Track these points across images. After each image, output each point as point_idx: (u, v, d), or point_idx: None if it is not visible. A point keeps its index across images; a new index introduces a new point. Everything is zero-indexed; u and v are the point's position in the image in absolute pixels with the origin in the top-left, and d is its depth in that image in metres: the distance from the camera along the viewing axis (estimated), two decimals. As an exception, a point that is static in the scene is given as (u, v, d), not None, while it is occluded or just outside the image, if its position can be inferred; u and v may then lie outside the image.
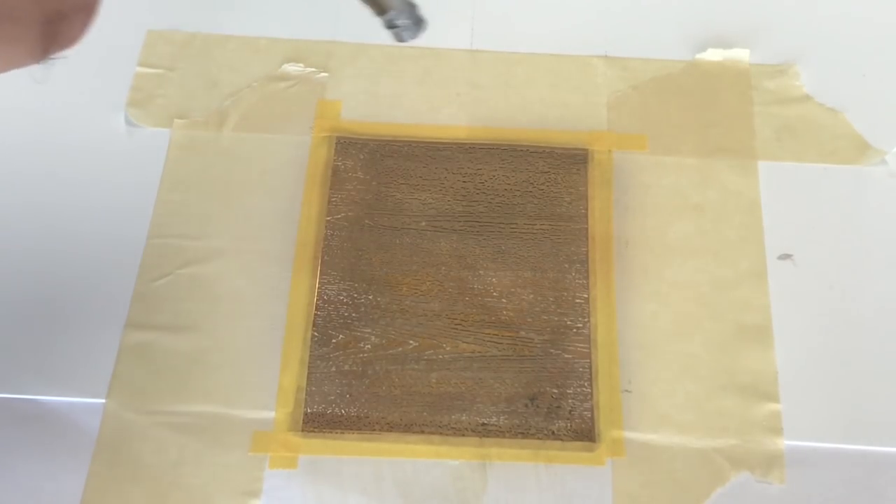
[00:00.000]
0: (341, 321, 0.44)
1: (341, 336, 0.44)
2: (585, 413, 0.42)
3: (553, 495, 0.41)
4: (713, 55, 0.51)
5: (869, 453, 0.42)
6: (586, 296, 0.45)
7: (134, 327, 0.44)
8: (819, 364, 0.43)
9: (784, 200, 0.47)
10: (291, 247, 0.46)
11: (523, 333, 0.44)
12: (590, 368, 0.43)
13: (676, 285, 0.45)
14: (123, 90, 0.50)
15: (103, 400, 0.42)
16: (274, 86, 0.50)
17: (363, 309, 0.44)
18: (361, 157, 0.48)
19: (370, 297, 0.44)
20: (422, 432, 0.42)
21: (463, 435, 0.42)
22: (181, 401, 0.42)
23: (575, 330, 0.44)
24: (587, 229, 0.46)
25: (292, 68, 0.51)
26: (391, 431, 0.42)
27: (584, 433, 0.42)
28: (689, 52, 0.52)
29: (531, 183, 0.47)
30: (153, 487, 0.41)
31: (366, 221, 0.46)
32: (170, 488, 0.41)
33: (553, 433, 0.42)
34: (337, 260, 0.45)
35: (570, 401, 0.42)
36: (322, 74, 0.51)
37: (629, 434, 0.42)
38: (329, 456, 0.41)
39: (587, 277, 0.45)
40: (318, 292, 0.45)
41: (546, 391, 0.43)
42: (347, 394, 0.43)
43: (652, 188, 0.48)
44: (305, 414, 0.42)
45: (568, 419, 0.42)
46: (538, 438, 0.42)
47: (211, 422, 0.42)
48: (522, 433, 0.42)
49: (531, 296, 0.45)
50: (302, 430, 0.42)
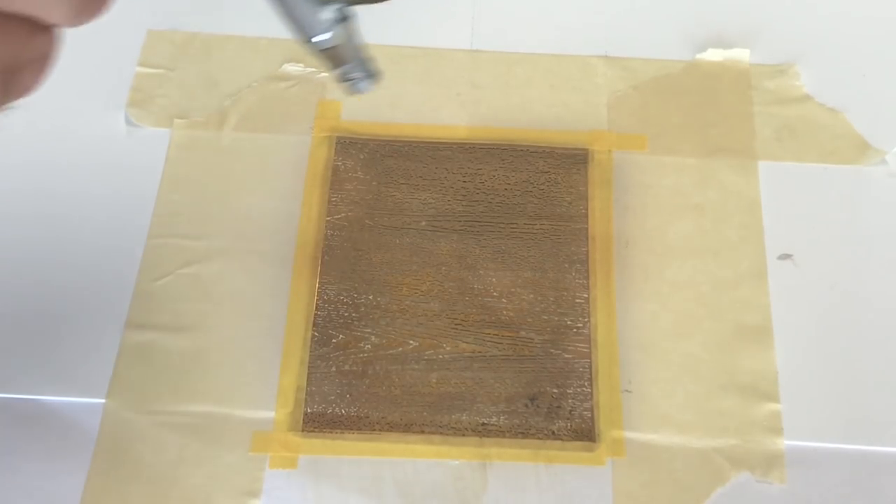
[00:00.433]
0: (341, 321, 0.44)
1: (341, 336, 0.44)
2: (585, 413, 0.42)
3: (553, 495, 0.41)
4: (713, 55, 0.51)
5: (869, 453, 0.42)
6: (586, 296, 0.45)
7: (134, 327, 0.44)
8: (819, 364, 0.43)
9: (784, 200, 0.47)
10: (291, 247, 0.46)
11: (523, 333, 0.44)
12: (590, 368, 0.43)
13: (676, 285, 0.45)
14: (123, 90, 0.50)
15: (103, 400, 0.42)
16: (274, 86, 0.50)
17: (363, 309, 0.44)
18: (361, 157, 0.48)
19: (370, 297, 0.44)
20: (422, 432, 0.42)
21: (463, 435, 0.42)
22: (181, 401, 0.42)
23: (575, 330, 0.44)
24: (587, 229, 0.46)
25: (292, 68, 0.51)
26: (391, 431, 0.42)
27: (585, 433, 0.42)
28: (689, 52, 0.52)
29: (531, 183, 0.47)
30: (153, 487, 0.41)
31: (366, 221, 0.46)
32: (170, 488, 0.41)
33: (553, 433, 0.42)
34: (337, 260, 0.45)
35: (571, 401, 0.42)
36: (322, 74, 0.51)
37: (629, 434, 0.42)
38: (329, 456, 0.41)
39: (587, 277, 0.45)
40: (318, 292, 0.45)
41: (546, 391, 0.43)
42: (347, 394, 0.42)
43: (652, 188, 0.48)
44: (305, 414, 0.42)
45: (568, 419, 0.42)
46: (538, 438, 0.42)
47: (211, 422, 0.42)
48: (522, 433, 0.42)
49: (531, 296, 0.45)
50: (302, 430, 0.42)
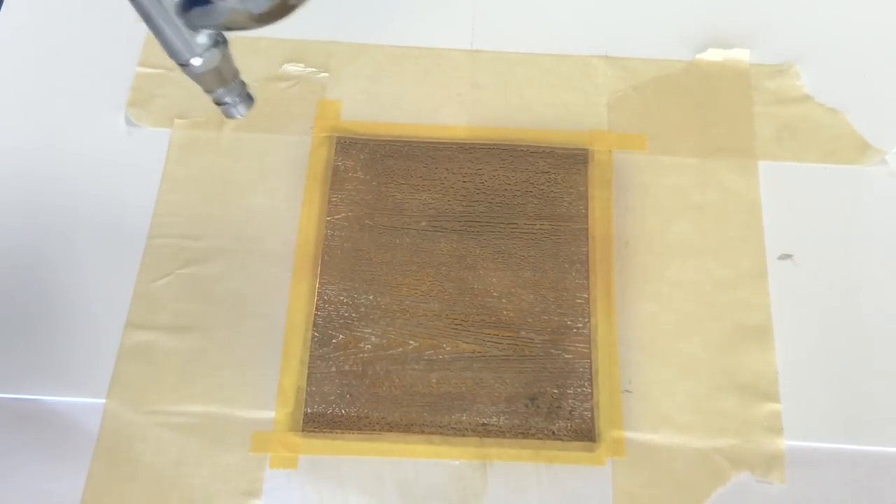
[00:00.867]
0: (341, 321, 0.44)
1: (341, 336, 0.44)
2: (586, 413, 0.42)
3: (553, 495, 0.41)
4: (713, 55, 0.51)
5: (869, 453, 0.42)
6: (586, 296, 0.45)
7: (134, 327, 0.44)
8: (819, 364, 0.43)
9: (784, 200, 0.47)
10: (291, 247, 0.46)
11: (523, 333, 0.44)
12: (590, 368, 0.43)
13: (676, 285, 0.45)
14: (123, 90, 0.50)
15: (103, 400, 0.42)
16: (274, 86, 0.50)
17: (363, 309, 0.44)
18: (362, 157, 0.48)
19: (370, 298, 0.44)
20: (422, 432, 0.42)
21: (463, 435, 0.42)
22: (181, 401, 0.42)
23: (575, 330, 0.44)
24: (587, 229, 0.46)
25: (292, 68, 0.51)
26: (391, 431, 0.42)
27: (585, 433, 0.42)
28: (689, 52, 0.52)
29: (531, 183, 0.47)
30: (153, 487, 0.41)
31: (366, 221, 0.46)
32: (170, 488, 0.41)
33: (553, 433, 0.42)
34: (337, 260, 0.45)
35: (571, 401, 0.42)
36: (322, 74, 0.51)
37: (629, 434, 0.42)
38: (329, 456, 0.41)
39: (587, 277, 0.45)
40: (318, 292, 0.45)
41: (546, 391, 0.43)
42: (348, 394, 0.42)
43: (652, 188, 0.48)
44: (305, 414, 0.42)
45: (568, 419, 0.42)
46: (538, 438, 0.42)
47: (211, 422, 0.42)
48: (523, 433, 0.42)
49: (531, 296, 0.45)
50: (302, 431, 0.42)
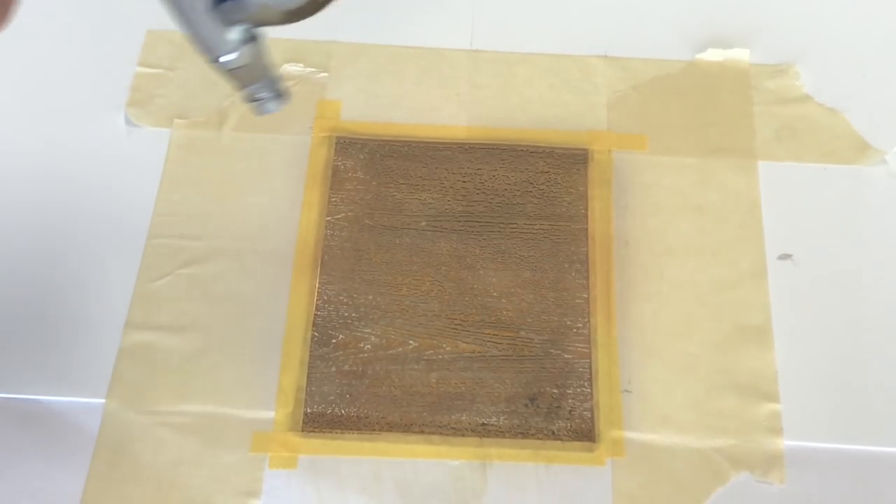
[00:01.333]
0: (341, 321, 0.44)
1: (341, 336, 0.44)
2: (585, 413, 0.42)
3: (553, 495, 0.41)
4: (713, 55, 0.51)
5: (869, 453, 0.42)
6: (586, 296, 0.45)
7: (134, 327, 0.44)
8: (819, 364, 0.43)
9: (784, 200, 0.47)
10: (291, 247, 0.46)
11: (523, 333, 0.44)
12: (590, 368, 0.43)
13: (676, 285, 0.45)
14: (123, 90, 0.50)
15: (103, 400, 0.42)
16: (274, 86, 0.50)
17: (363, 309, 0.44)
18: (361, 157, 0.48)
19: (370, 298, 0.44)
20: (422, 432, 0.42)
21: (463, 435, 0.42)
22: (181, 401, 0.42)
23: (575, 330, 0.44)
24: (587, 229, 0.46)
25: (292, 68, 0.51)
26: (391, 431, 0.42)
27: (584, 433, 0.42)
28: (689, 52, 0.52)
29: (531, 183, 0.47)
30: (153, 487, 0.41)
31: (366, 221, 0.46)
32: (170, 488, 0.41)
33: (553, 433, 0.42)
34: (337, 260, 0.45)
35: (570, 401, 0.42)
36: (322, 74, 0.51)
37: (629, 434, 0.42)
38: (329, 456, 0.41)
39: (587, 277, 0.45)
40: (318, 292, 0.45)
41: (546, 391, 0.43)
42: (347, 394, 0.42)
43: (652, 188, 0.48)
44: (305, 414, 0.42)
45: (568, 419, 0.42)
46: (538, 438, 0.42)
47: (211, 422, 0.42)
48: (522, 433, 0.42)
49: (531, 296, 0.45)
50: (302, 430, 0.42)
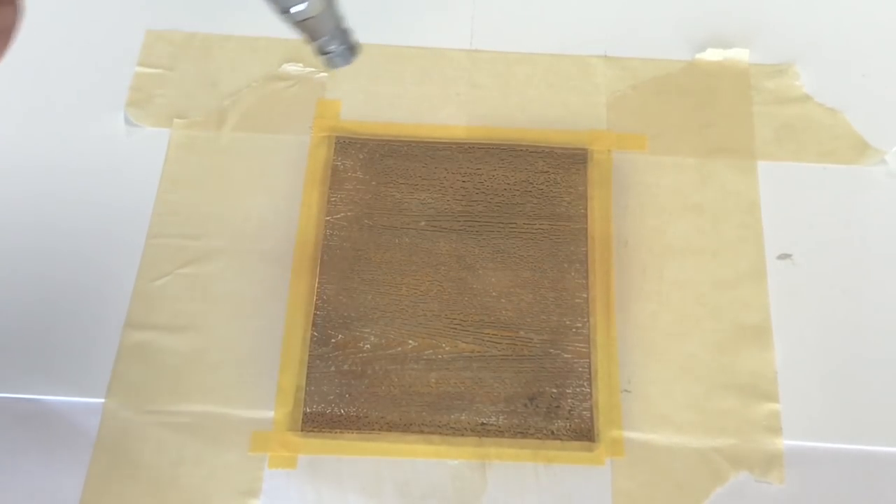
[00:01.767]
0: (341, 321, 0.44)
1: (340, 336, 0.44)
2: (585, 413, 0.42)
3: (552, 495, 0.41)
4: (713, 55, 0.51)
5: (869, 453, 0.42)
6: (586, 296, 0.45)
7: (133, 327, 0.44)
8: (819, 364, 0.43)
9: (784, 200, 0.47)
10: (291, 247, 0.46)
11: (522, 333, 0.44)
12: (589, 368, 0.43)
13: (676, 285, 0.45)
14: (123, 90, 0.50)
15: (103, 400, 0.42)
16: (274, 86, 0.50)
17: (362, 309, 0.44)
18: (361, 157, 0.48)
19: (369, 297, 0.44)
20: (421, 432, 0.42)
21: (462, 435, 0.42)
22: (181, 401, 0.42)
23: (574, 330, 0.44)
24: (587, 229, 0.46)
25: (292, 68, 0.51)
26: (390, 431, 0.42)
27: (584, 433, 0.42)
28: (689, 52, 0.52)
29: (530, 183, 0.47)
30: (153, 487, 0.41)
31: (365, 221, 0.46)
32: (169, 488, 0.41)
33: (552, 433, 0.42)
34: (336, 260, 0.45)
35: (570, 401, 0.42)
36: (322, 74, 0.51)
37: (628, 434, 0.42)
38: (328, 456, 0.41)
39: (587, 277, 0.45)
40: (318, 292, 0.45)
41: (545, 391, 0.43)
42: (347, 393, 0.43)
43: (652, 188, 0.48)
44: (305, 414, 0.42)
45: (567, 419, 0.42)
46: (537, 438, 0.42)
47: (210, 422, 0.42)
48: (522, 433, 0.42)
49: (530, 296, 0.45)
50: (301, 430, 0.42)
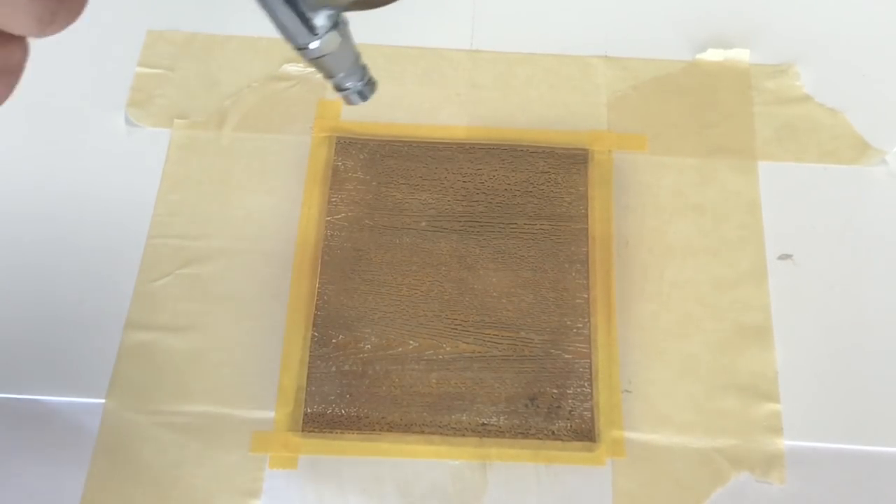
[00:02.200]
0: (341, 321, 0.44)
1: (341, 336, 0.44)
2: (585, 413, 0.42)
3: (553, 495, 0.41)
4: (713, 55, 0.51)
5: (869, 453, 0.42)
6: (586, 296, 0.45)
7: (134, 327, 0.44)
8: (819, 364, 0.43)
9: (784, 200, 0.47)
10: (291, 247, 0.46)
11: (523, 334, 0.44)
12: (590, 368, 0.43)
13: (676, 285, 0.45)
14: (123, 90, 0.50)
15: (103, 400, 0.42)
16: (274, 86, 0.50)
17: (363, 309, 0.44)
18: (361, 157, 0.48)
19: (370, 297, 0.44)
20: (422, 432, 0.42)
21: (463, 435, 0.42)
22: (181, 401, 0.42)
23: (575, 330, 0.44)
24: (587, 229, 0.46)
25: (292, 68, 0.51)
26: (391, 431, 0.42)
27: (585, 433, 0.42)
28: (689, 52, 0.52)
29: (531, 183, 0.47)
30: (153, 487, 0.41)
31: (366, 221, 0.46)
32: (170, 488, 0.41)
33: (553, 433, 0.42)
34: (337, 260, 0.45)
35: (571, 401, 0.42)
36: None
37: (629, 434, 0.42)
38: (329, 456, 0.41)
39: (587, 277, 0.45)
40: (318, 292, 0.45)
41: (546, 391, 0.43)
42: (347, 394, 0.42)
43: (652, 188, 0.48)
44: (305, 414, 0.42)
45: (568, 419, 0.42)
46: (538, 438, 0.42)
47: (211, 422, 0.42)
48: (522, 433, 0.42)
49: (531, 296, 0.45)
50: (302, 431, 0.42)
